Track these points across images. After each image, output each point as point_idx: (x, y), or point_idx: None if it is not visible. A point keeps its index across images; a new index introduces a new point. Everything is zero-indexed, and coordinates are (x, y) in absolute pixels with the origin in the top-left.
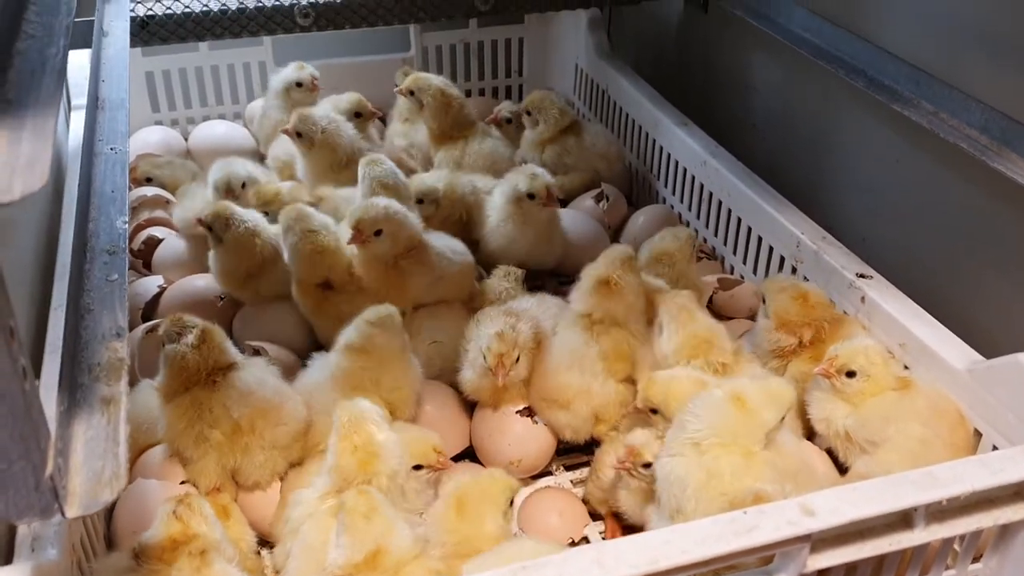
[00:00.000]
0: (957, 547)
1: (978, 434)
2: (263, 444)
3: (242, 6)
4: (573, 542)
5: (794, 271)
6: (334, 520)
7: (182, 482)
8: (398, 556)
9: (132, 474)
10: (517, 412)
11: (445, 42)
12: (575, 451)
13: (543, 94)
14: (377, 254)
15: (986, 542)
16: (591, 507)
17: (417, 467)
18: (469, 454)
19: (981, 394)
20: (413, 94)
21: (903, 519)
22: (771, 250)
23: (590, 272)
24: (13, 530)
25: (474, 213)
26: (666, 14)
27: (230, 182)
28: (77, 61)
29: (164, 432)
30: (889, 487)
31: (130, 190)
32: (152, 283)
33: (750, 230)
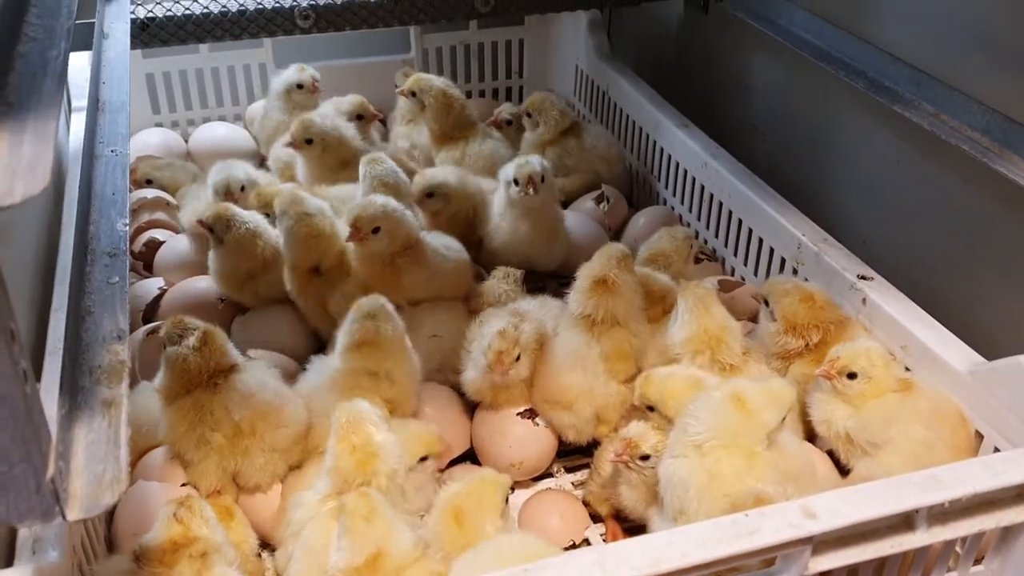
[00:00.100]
0: (959, 549)
1: (980, 436)
2: (264, 447)
3: (242, 8)
4: (574, 544)
5: (795, 273)
6: (335, 522)
7: (183, 484)
8: (399, 559)
9: (133, 476)
10: (518, 414)
11: (445, 43)
12: (576, 453)
13: (543, 96)
14: (374, 251)
15: (988, 544)
16: (592, 509)
17: (423, 459)
18: (470, 456)
19: (983, 396)
20: (415, 95)
21: (905, 521)
22: (772, 252)
23: (586, 271)
24: (14, 532)
25: (481, 211)
26: (666, 15)
27: (229, 185)
28: (77, 63)
29: (165, 434)
30: (891, 489)
31: (130, 192)
32: (153, 285)
33: (751, 232)
